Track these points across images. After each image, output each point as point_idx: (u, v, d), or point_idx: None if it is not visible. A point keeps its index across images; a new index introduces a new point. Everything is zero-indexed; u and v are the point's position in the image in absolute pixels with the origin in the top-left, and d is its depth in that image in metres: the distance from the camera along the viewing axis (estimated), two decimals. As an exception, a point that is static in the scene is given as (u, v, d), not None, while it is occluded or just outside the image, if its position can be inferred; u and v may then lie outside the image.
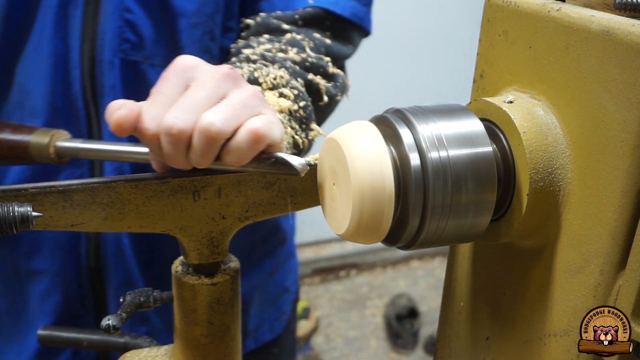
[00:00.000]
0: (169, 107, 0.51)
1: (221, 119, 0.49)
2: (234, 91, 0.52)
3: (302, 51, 0.80)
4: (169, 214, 0.57)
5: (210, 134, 0.49)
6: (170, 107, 0.51)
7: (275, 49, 0.78)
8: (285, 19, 0.85)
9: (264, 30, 0.84)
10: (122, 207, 0.55)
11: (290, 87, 0.68)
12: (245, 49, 0.80)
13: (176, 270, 0.62)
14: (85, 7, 0.81)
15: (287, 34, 0.83)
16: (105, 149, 0.58)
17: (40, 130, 0.60)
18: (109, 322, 0.60)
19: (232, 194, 0.58)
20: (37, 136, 0.60)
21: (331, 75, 0.81)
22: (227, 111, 0.50)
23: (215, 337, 0.62)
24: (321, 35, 0.85)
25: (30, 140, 0.59)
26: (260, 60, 0.74)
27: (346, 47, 0.90)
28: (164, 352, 0.67)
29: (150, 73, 0.85)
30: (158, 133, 0.50)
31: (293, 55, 0.78)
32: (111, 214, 0.55)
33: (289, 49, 0.79)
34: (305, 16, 0.86)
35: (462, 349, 0.63)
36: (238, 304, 0.63)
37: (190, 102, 0.50)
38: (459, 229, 0.49)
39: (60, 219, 0.54)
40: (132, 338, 0.77)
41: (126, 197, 0.55)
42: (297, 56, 0.78)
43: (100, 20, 0.81)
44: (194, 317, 0.61)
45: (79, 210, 0.55)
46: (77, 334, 0.82)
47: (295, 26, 0.85)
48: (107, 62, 0.82)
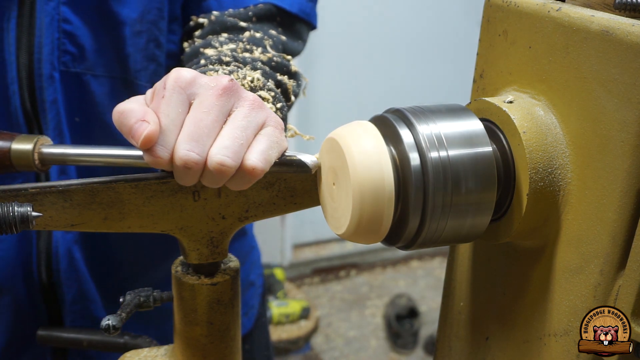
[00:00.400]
0: (176, 131, 0.50)
1: (231, 155, 0.50)
2: (238, 108, 0.52)
3: (266, 50, 0.79)
4: (169, 214, 0.57)
5: (222, 169, 0.50)
6: (177, 131, 0.50)
7: (240, 49, 0.77)
8: (240, 17, 0.84)
9: (220, 29, 0.83)
10: (122, 207, 0.55)
11: (267, 90, 0.68)
12: (207, 49, 0.78)
13: (176, 270, 0.62)
14: (18, 20, 0.79)
15: (245, 31, 0.82)
16: (96, 153, 0.54)
17: (22, 137, 0.55)
18: (108, 322, 0.59)
19: (232, 194, 0.58)
20: (19, 142, 0.55)
21: (294, 74, 0.81)
22: (236, 140, 0.50)
23: (215, 337, 0.62)
24: (276, 32, 0.85)
25: (11, 146, 0.55)
26: (233, 62, 0.73)
27: (297, 43, 0.90)
28: (164, 352, 0.67)
29: (93, 84, 0.83)
30: (170, 161, 0.50)
31: (259, 54, 0.77)
32: (111, 214, 0.55)
33: (253, 48, 0.78)
34: (258, 12, 0.85)
35: (462, 349, 0.63)
36: (238, 303, 0.63)
37: (200, 130, 0.50)
38: (459, 229, 0.49)
39: (60, 219, 0.54)
40: (132, 338, 0.77)
41: (126, 197, 0.55)
42: (263, 55, 0.77)
43: (36, 33, 0.79)
44: (194, 317, 0.61)
45: (79, 211, 0.54)
46: (77, 334, 0.82)
47: (251, 23, 0.84)
48: (46, 76, 0.80)
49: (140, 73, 0.85)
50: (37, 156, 0.55)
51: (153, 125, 0.49)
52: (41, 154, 0.55)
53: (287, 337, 2.46)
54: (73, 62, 0.82)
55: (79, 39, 0.81)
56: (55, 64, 0.80)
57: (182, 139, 0.50)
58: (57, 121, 0.81)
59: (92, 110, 0.84)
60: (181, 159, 0.49)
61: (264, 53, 0.78)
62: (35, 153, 0.55)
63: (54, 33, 0.79)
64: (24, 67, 0.80)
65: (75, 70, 0.82)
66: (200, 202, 0.57)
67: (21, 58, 0.80)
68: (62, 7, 0.79)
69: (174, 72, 0.52)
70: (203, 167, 0.50)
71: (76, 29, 0.81)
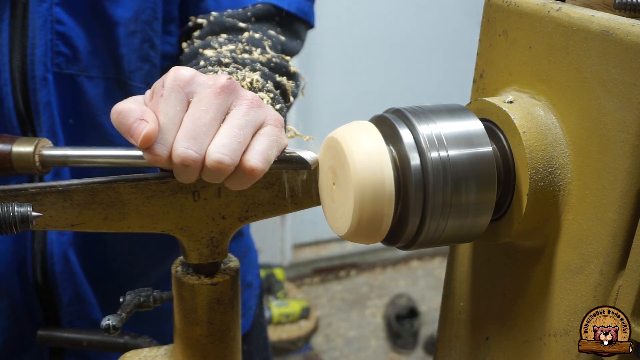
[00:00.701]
0: (175, 129, 0.50)
1: (228, 153, 0.50)
2: (237, 107, 0.53)
3: (265, 51, 0.79)
4: (169, 214, 0.57)
5: (220, 167, 0.50)
6: (176, 129, 0.51)
7: (239, 50, 0.77)
8: (239, 17, 0.84)
9: (219, 30, 0.83)
10: (122, 207, 0.55)
11: (266, 91, 0.68)
12: (206, 50, 0.78)
13: (176, 270, 0.62)
14: (11, 21, 0.78)
15: (244, 32, 0.82)
16: (97, 154, 0.55)
17: (22, 139, 0.55)
18: (108, 322, 0.59)
19: (232, 193, 0.58)
20: (19, 145, 0.55)
21: (293, 75, 0.81)
22: (234, 138, 0.50)
23: (215, 337, 0.62)
24: (275, 32, 0.85)
25: (11, 149, 0.55)
26: (232, 63, 0.73)
27: (296, 43, 0.90)
28: (164, 352, 0.67)
29: (87, 86, 0.83)
30: (169, 159, 0.51)
31: (258, 55, 0.77)
32: (111, 214, 0.55)
33: (252, 49, 0.78)
34: (256, 13, 0.85)
35: (462, 349, 0.63)
36: (238, 304, 0.63)
37: (198, 129, 0.50)
38: (459, 229, 0.49)
39: (60, 219, 0.54)
40: (132, 338, 0.76)
41: (126, 197, 0.55)
42: (262, 57, 0.77)
43: (29, 35, 0.79)
44: (194, 317, 0.61)
45: (79, 210, 0.54)
46: (77, 334, 0.82)
47: (250, 24, 0.84)
48: (39, 77, 0.80)
49: (135, 74, 0.85)
50: (37, 158, 0.55)
51: (152, 124, 0.49)
52: (42, 156, 0.55)
53: (287, 337, 2.47)
54: (67, 64, 0.81)
55: (72, 40, 0.81)
56: (48, 66, 0.80)
57: (180, 136, 0.50)
58: (50, 123, 0.81)
59: (86, 111, 0.84)
60: (179, 156, 0.49)
61: (263, 54, 0.78)
62: (36, 155, 0.55)
63: (47, 34, 0.79)
64: (17, 69, 0.80)
65: (69, 71, 0.82)
66: (200, 202, 0.57)
67: (14, 59, 0.79)
68: (56, 8, 0.79)
69: (173, 70, 0.52)
70: (202, 164, 0.50)
71: (70, 30, 0.80)
